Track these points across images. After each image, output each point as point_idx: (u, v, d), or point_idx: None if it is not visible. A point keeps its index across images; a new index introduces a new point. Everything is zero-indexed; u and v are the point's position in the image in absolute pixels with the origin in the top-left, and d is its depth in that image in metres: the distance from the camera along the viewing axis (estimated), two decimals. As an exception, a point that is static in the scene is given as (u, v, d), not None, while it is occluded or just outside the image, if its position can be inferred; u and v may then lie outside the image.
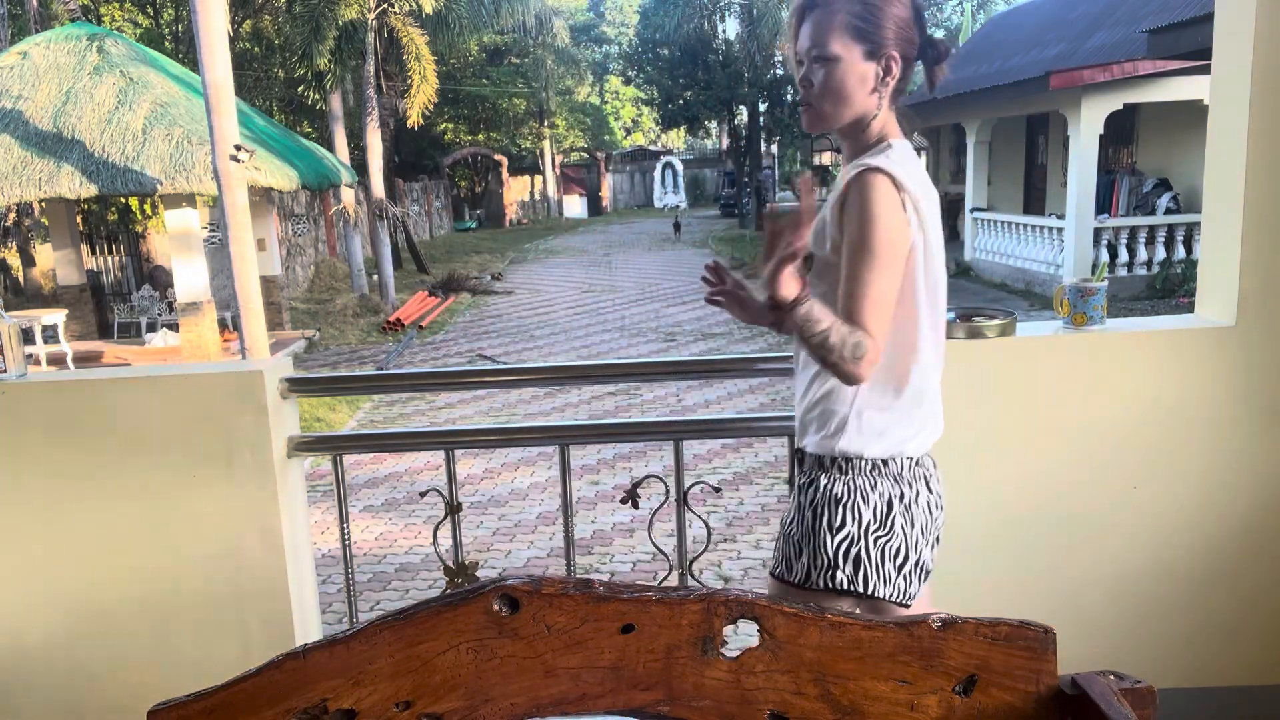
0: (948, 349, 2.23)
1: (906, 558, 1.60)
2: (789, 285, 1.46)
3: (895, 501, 1.60)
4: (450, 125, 30.99)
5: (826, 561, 1.58)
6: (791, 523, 1.64)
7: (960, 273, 15.48)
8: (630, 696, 1.27)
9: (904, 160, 1.57)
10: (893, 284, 1.52)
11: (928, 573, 1.65)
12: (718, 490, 2.57)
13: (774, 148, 34.94)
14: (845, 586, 1.57)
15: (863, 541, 1.58)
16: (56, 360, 10.18)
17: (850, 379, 1.50)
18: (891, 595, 1.59)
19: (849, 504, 1.59)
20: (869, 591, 1.57)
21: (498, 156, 32.73)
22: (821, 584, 1.58)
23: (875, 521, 1.59)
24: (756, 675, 1.26)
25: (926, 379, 1.65)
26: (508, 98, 30.18)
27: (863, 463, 1.60)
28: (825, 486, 1.60)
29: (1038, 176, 16.77)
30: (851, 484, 1.60)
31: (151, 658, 2.34)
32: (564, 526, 2.39)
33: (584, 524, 5.48)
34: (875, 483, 1.60)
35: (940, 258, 1.62)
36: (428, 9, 15.45)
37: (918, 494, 1.63)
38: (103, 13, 20.20)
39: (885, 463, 1.61)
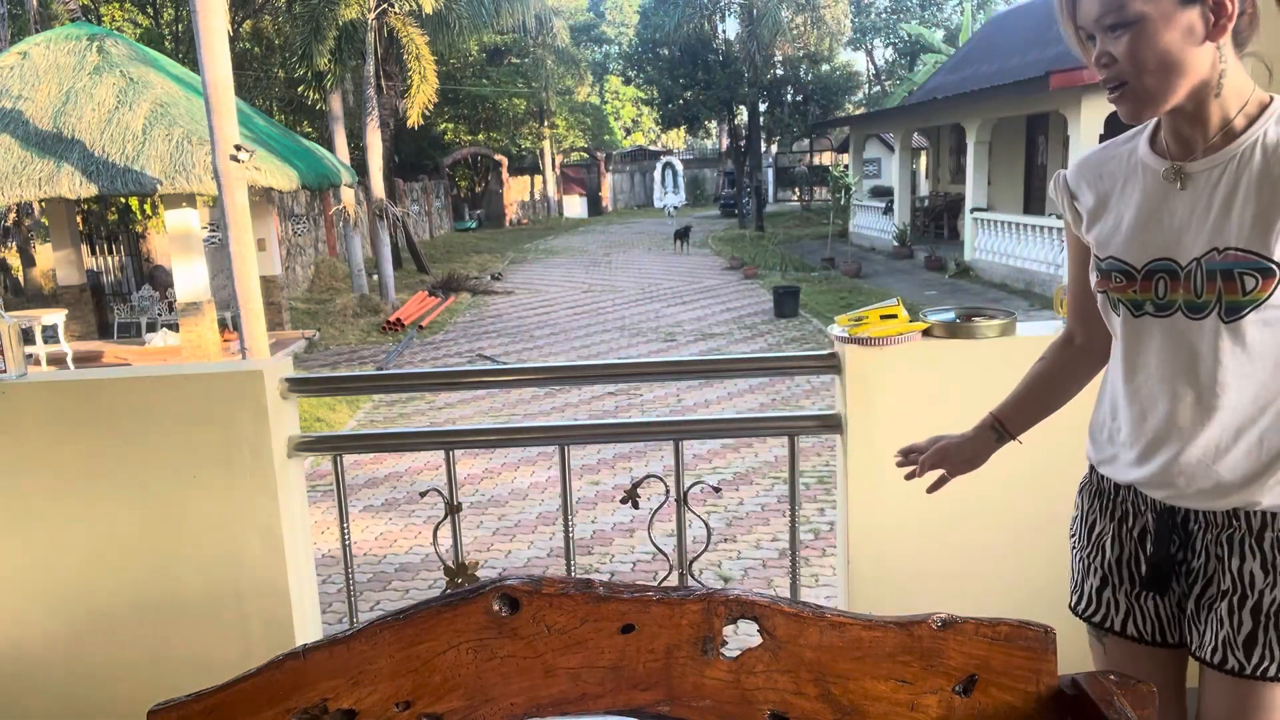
0: (948, 349, 2.24)
1: None
2: None
3: None
4: (450, 125, 31.01)
5: None
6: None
7: (960, 273, 15.49)
8: (630, 696, 1.27)
9: None
10: None
11: None
12: (718, 490, 2.58)
13: (774, 147, 34.98)
14: None
15: None
16: (56, 360, 10.18)
17: None
18: None
19: None
20: None
21: (498, 156, 32.74)
22: None
23: None
24: (756, 675, 1.26)
25: None
26: (508, 98, 30.20)
27: None
28: None
29: (1038, 176, 16.78)
30: None
31: (151, 658, 2.34)
32: (564, 526, 2.39)
33: (584, 524, 5.48)
34: None
35: None
36: (428, 9, 15.45)
37: None
38: (103, 13, 20.20)
39: None
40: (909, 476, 1.68)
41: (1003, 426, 1.62)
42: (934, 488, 1.68)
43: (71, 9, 12.60)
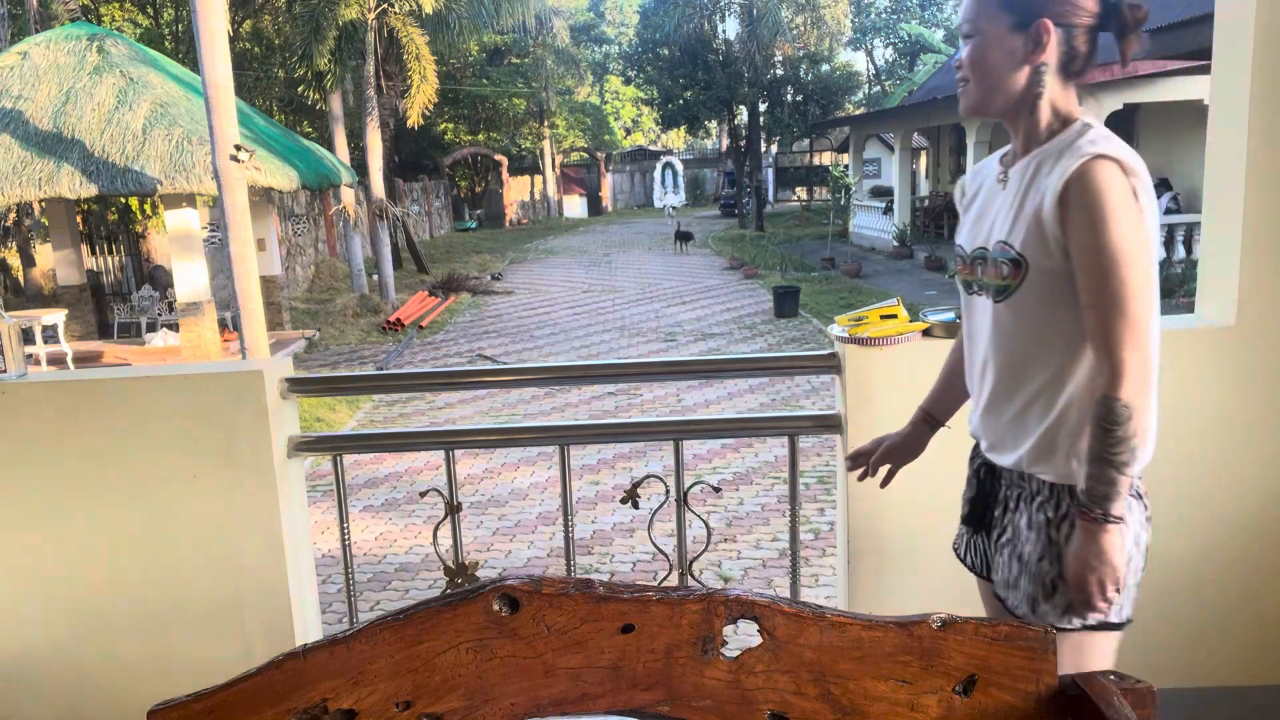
0: (948, 349, 2.23)
1: (1139, 571, 1.49)
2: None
3: (1142, 517, 1.48)
4: (450, 125, 31.01)
5: None
6: (1041, 560, 1.48)
7: (960, 273, 15.47)
8: (630, 696, 1.27)
9: (1117, 140, 1.40)
10: (1148, 291, 1.35)
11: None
12: (718, 490, 2.58)
13: (773, 147, 34.97)
14: (1099, 621, 1.46)
15: (1123, 571, 1.43)
16: (56, 360, 10.18)
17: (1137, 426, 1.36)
18: (1124, 617, 1.49)
19: None
20: (1121, 620, 1.47)
21: (498, 156, 32.74)
22: (1078, 624, 1.46)
23: (1135, 547, 1.46)
24: (756, 675, 1.26)
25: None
26: (508, 98, 30.19)
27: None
28: None
29: (1038, 176, 16.74)
30: None
31: (151, 658, 2.34)
32: (564, 526, 2.39)
33: (584, 524, 5.48)
34: (1132, 505, 1.45)
35: (1159, 238, 1.46)
36: (428, 9, 15.45)
37: (1148, 502, 1.51)
38: (103, 13, 20.21)
39: (1137, 480, 1.47)
40: (861, 477, 1.89)
41: (934, 418, 1.82)
42: (885, 482, 1.87)
43: (71, 9, 12.60)
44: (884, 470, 1.85)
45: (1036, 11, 1.41)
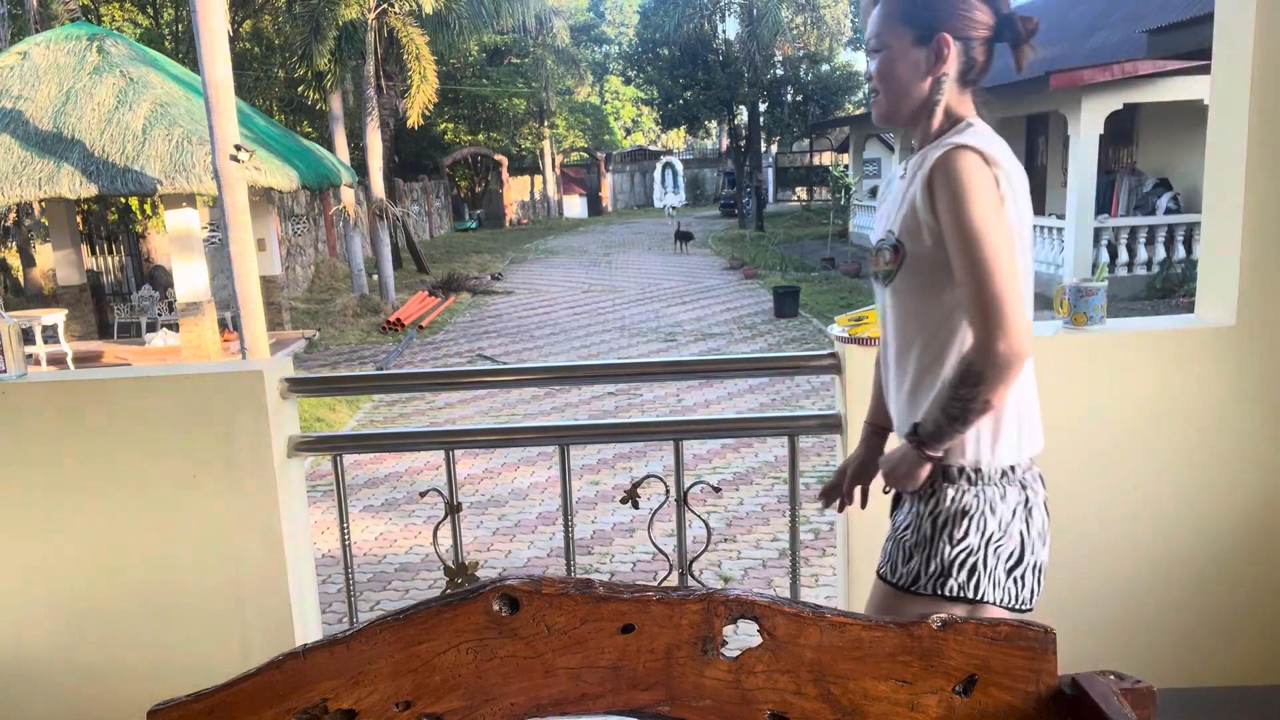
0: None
1: (1020, 561, 1.54)
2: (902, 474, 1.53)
3: (1019, 507, 1.54)
4: (450, 125, 31.00)
5: (940, 569, 1.53)
6: (906, 529, 1.58)
7: (960, 273, 15.45)
8: (630, 696, 1.27)
9: (989, 136, 1.51)
10: (1012, 271, 1.42)
11: (1043, 571, 1.58)
12: (718, 490, 2.58)
13: (773, 147, 34.96)
14: (956, 593, 1.52)
15: (982, 552, 1.52)
16: (56, 360, 10.18)
17: (1002, 396, 1.42)
18: (1001, 599, 1.53)
19: (976, 516, 1.52)
20: (979, 597, 1.52)
21: (498, 156, 32.73)
22: (930, 590, 1.53)
23: (999, 531, 1.52)
24: (756, 675, 1.26)
25: (1031, 371, 1.57)
26: (508, 98, 30.19)
27: (994, 471, 1.53)
28: (953, 498, 1.53)
29: (1038, 176, 16.77)
30: (982, 495, 1.53)
31: (151, 658, 2.34)
32: (564, 526, 2.39)
33: (584, 524, 5.48)
34: (1005, 491, 1.53)
35: (1030, 239, 1.53)
36: (428, 9, 15.45)
37: (1037, 494, 1.57)
38: (103, 13, 20.20)
39: (1013, 468, 1.54)
40: (841, 508, 1.92)
41: (881, 427, 1.87)
42: (864, 503, 1.90)
43: (71, 9, 12.59)
44: (857, 492, 1.89)
45: (937, 26, 1.51)
